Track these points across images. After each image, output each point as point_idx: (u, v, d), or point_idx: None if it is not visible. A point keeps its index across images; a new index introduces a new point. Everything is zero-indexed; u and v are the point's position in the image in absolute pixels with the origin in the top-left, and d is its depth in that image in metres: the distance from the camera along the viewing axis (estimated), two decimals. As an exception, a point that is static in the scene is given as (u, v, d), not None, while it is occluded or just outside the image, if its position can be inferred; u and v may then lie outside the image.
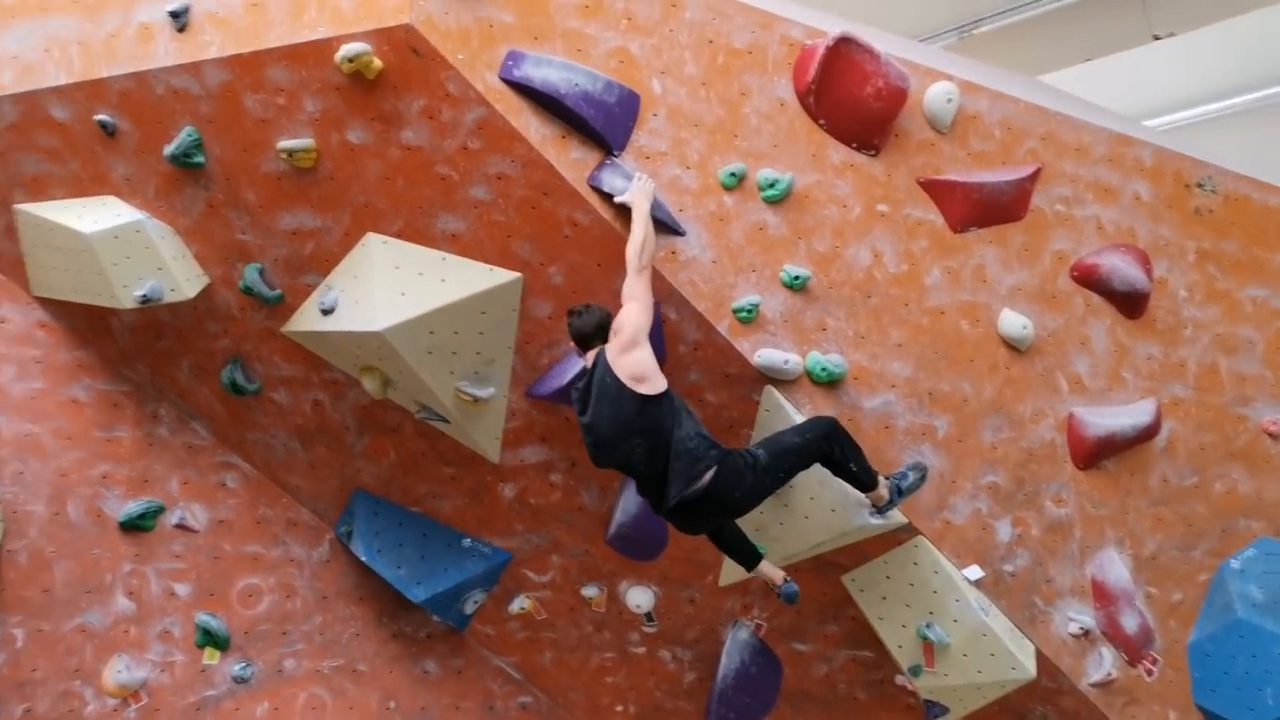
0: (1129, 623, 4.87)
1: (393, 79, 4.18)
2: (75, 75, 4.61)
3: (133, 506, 5.29)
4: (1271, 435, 5.13)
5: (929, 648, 4.73)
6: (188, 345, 5.23)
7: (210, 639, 5.33)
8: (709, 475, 3.83)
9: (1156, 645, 4.98)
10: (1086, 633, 4.84)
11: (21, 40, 4.72)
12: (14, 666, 5.04)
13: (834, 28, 4.57)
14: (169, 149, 4.59)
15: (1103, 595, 4.87)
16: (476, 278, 4.51)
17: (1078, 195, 4.88)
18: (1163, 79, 8.76)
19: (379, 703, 5.57)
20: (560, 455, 5.02)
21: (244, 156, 4.55)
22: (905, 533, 4.67)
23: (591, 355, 4.05)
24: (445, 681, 5.70)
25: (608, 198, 4.24)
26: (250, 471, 5.56)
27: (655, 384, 3.93)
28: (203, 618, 5.33)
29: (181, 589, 5.35)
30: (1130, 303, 4.90)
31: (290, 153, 4.44)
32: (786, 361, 4.45)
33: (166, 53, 4.44)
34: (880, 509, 4.35)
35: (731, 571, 5.00)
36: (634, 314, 3.97)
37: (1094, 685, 4.84)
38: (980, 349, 4.74)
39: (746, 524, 4.76)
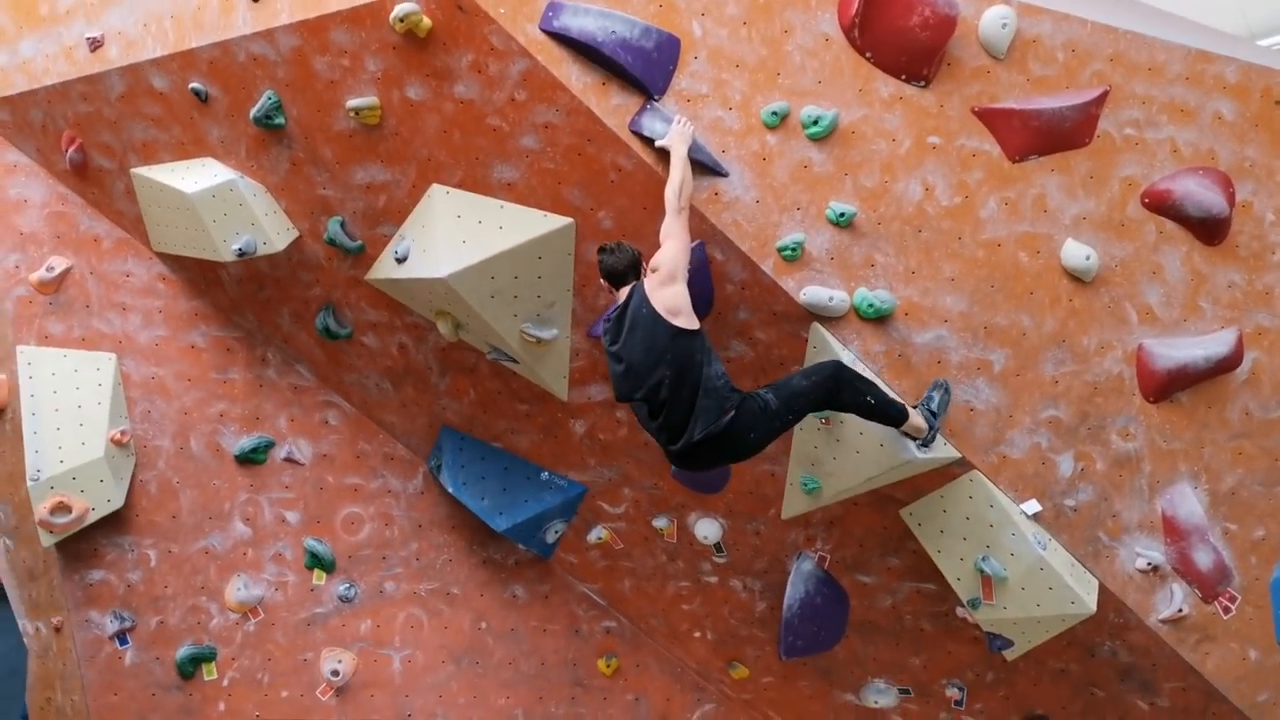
0: (1202, 559, 4.73)
1: (442, 36, 4.39)
2: (169, 47, 5.00)
3: (246, 441, 5.81)
4: (1374, 365, 4.84)
5: (987, 581, 4.74)
6: (286, 294, 5.66)
7: (318, 562, 5.83)
8: (730, 416, 3.96)
9: (1235, 583, 4.82)
10: (1155, 568, 4.73)
11: (125, 17, 5.14)
12: (148, 583, 5.67)
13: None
14: (253, 112, 4.95)
15: (1174, 531, 4.74)
16: (531, 224, 4.72)
17: (1150, 118, 4.66)
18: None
19: (471, 623, 5.98)
20: (624, 392, 5.21)
21: (318, 116, 4.87)
22: (960, 467, 4.67)
23: (624, 291, 4.20)
24: (533, 605, 6.05)
25: (649, 142, 4.36)
26: (349, 409, 5.99)
27: (689, 320, 4.06)
28: (310, 542, 5.83)
29: (291, 516, 5.86)
30: (1207, 228, 4.67)
31: (357, 111, 4.73)
32: (831, 299, 4.48)
33: (244, 21, 4.77)
34: (924, 440, 4.35)
35: (793, 504, 5.11)
36: (672, 251, 4.10)
37: (1163, 621, 4.75)
38: (1041, 281, 4.63)
39: (802, 460, 4.88)
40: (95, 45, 5.21)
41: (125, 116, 5.35)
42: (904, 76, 4.50)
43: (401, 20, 4.34)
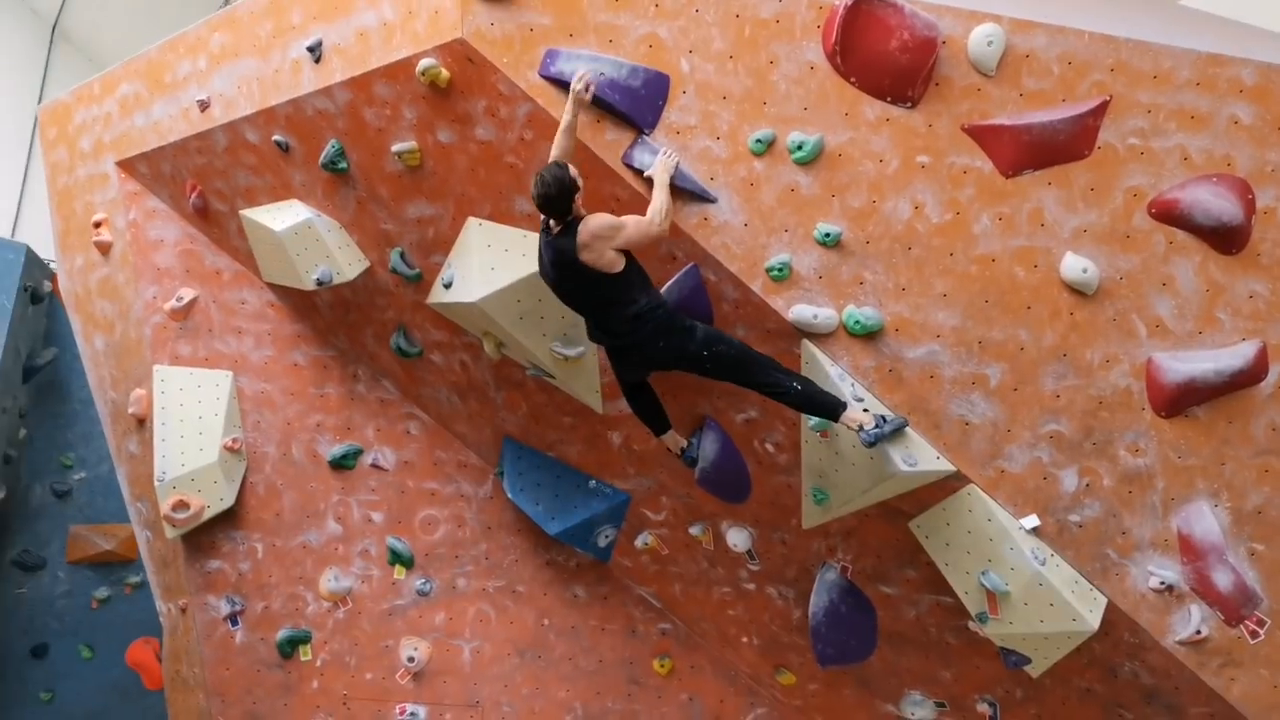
0: (1221, 580, 4.55)
1: (459, 85, 4.88)
2: (256, 105, 5.75)
3: (338, 449, 6.52)
4: None
5: (991, 595, 4.75)
6: (367, 317, 6.33)
7: (398, 558, 6.46)
8: (651, 326, 4.46)
9: (1264, 606, 4.60)
10: (1170, 588, 4.59)
11: (224, 80, 5.95)
12: (256, 572, 6.46)
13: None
14: (321, 158, 5.62)
15: (1190, 550, 4.59)
16: (547, 251, 5.13)
17: (1157, 126, 4.55)
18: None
19: (535, 620, 6.44)
20: (650, 406, 5.53)
21: (373, 160, 5.48)
22: (959, 481, 4.71)
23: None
24: (592, 605, 6.44)
25: (641, 174, 4.68)
26: (428, 421, 6.60)
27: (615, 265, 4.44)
28: (392, 541, 6.46)
29: (376, 516, 6.52)
30: (1222, 237, 4.51)
31: (400, 154, 5.30)
32: (815, 316, 4.65)
33: (309, 80, 5.43)
34: (870, 434, 4.39)
35: (811, 514, 5.26)
36: (630, 222, 4.44)
37: (1180, 643, 4.60)
38: (1039, 295, 4.61)
39: (811, 472, 5.04)
40: (204, 106, 6.05)
41: (230, 166, 6.17)
42: (889, 98, 4.62)
43: (424, 73, 4.86)
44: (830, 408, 4.49)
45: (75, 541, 11.45)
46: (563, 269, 4.48)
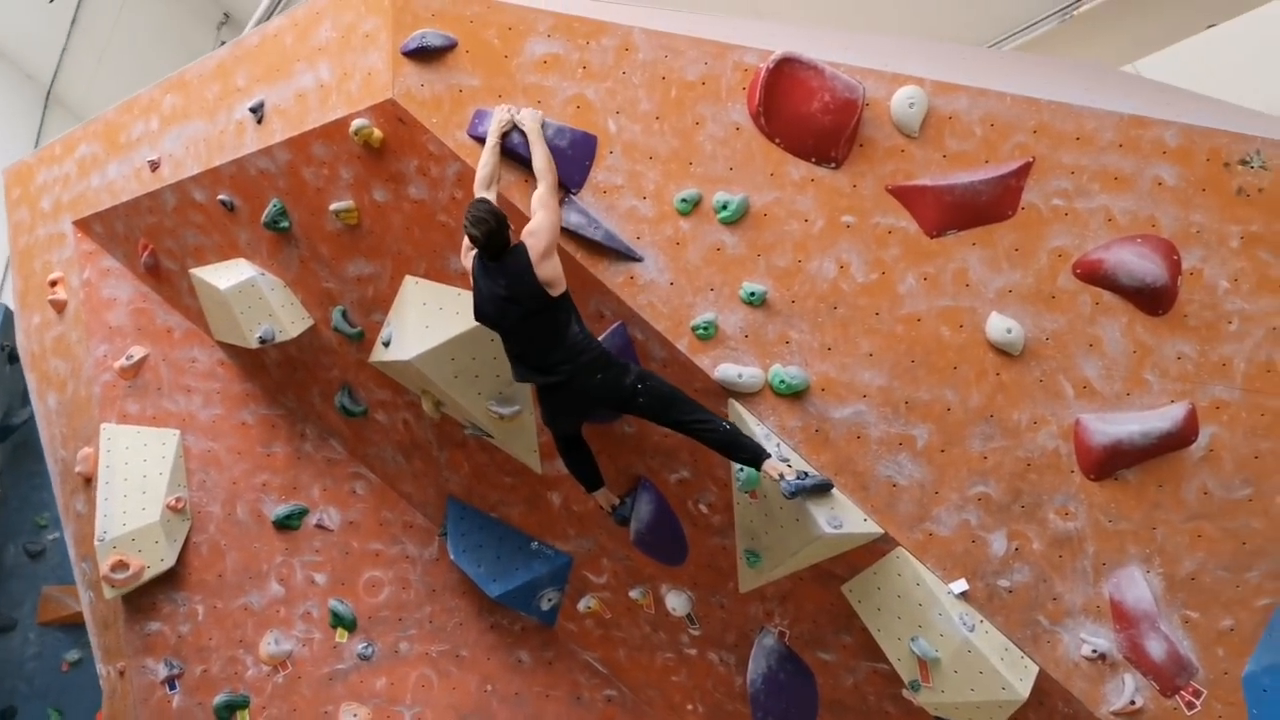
0: (1154, 648, 4.43)
1: (392, 145, 4.92)
2: (203, 165, 5.80)
3: (283, 509, 6.46)
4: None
5: (923, 662, 4.63)
6: (313, 376, 6.32)
7: (340, 621, 6.36)
8: (588, 358, 4.47)
9: (1199, 676, 4.48)
10: (1102, 656, 4.48)
11: (173, 141, 6.02)
12: (196, 635, 6.35)
13: (793, 46, 4.68)
14: (263, 217, 5.66)
15: (1122, 617, 4.48)
16: (478, 309, 5.13)
17: (1080, 187, 4.56)
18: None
19: (478, 685, 6.31)
20: (586, 466, 5.47)
21: (313, 219, 5.51)
22: (887, 544, 4.63)
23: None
24: (537, 671, 6.32)
25: (571, 234, 4.67)
26: (375, 480, 6.55)
27: (560, 287, 4.44)
28: (334, 603, 6.37)
29: (319, 578, 6.43)
30: (1147, 298, 4.48)
31: (339, 213, 5.33)
32: (740, 375, 4.62)
33: (252, 141, 5.49)
34: (787, 481, 4.37)
35: (746, 577, 5.17)
36: (549, 221, 4.43)
37: (1115, 714, 4.47)
38: (965, 355, 4.58)
39: (744, 534, 4.97)
40: (154, 166, 6.11)
41: (180, 225, 6.21)
42: (814, 159, 4.64)
43: (357, 133, 4.91)
44: (754, 452, 4.46)
45: (47, 603, 11.36)
46: (516, 291, 4.38)
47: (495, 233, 4.34)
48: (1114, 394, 4.54)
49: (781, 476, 4.38)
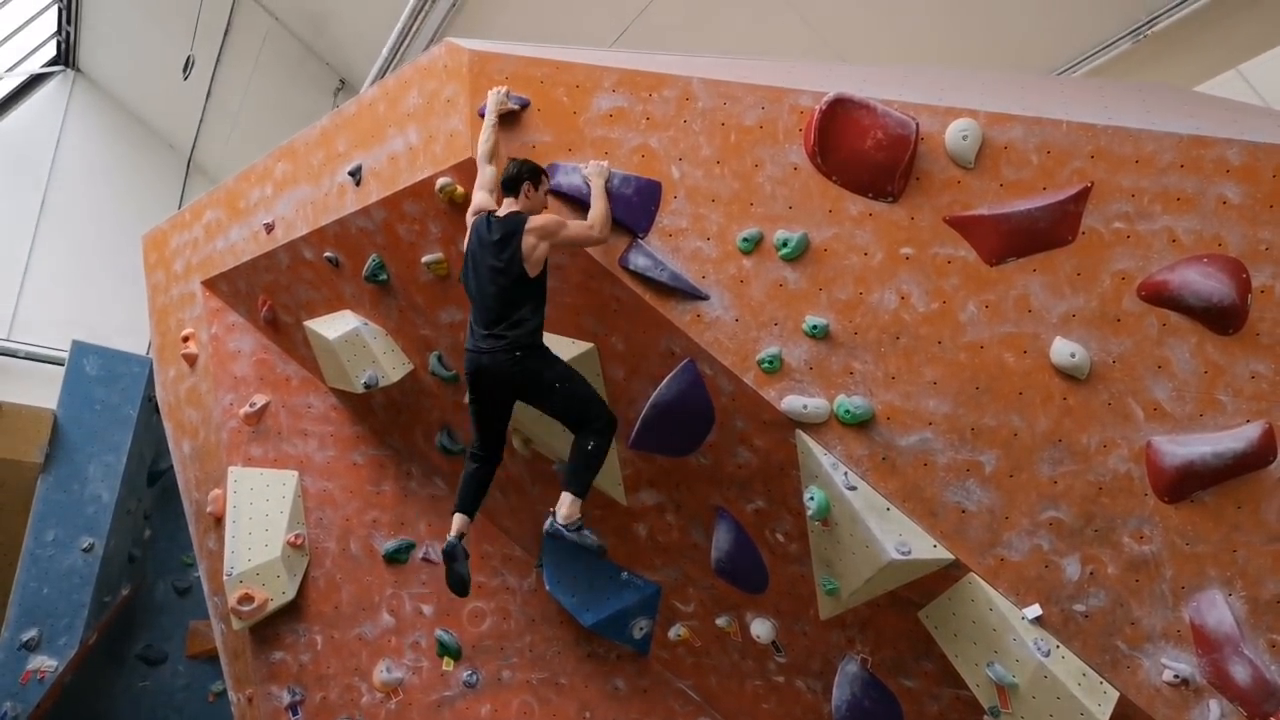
0: (1239, 673, 4.34)
1: (473, 201, 5.27)
2: (310, 225, 6.30)
3: (392, 544, 6.86)
4: None
5: (1001, 688, 4.65)
6: (415, 417, 6.71)
7: (446, 650, 6.69)
8: (521, 354, 4.77)
9: (1290, 702, 4.36)
10: (1185, 681, 4.41)
11: (285, 205, 6.54)
12: (315, 663, 6.78)
13: (849, 85, 4.84)
14: (364, 272, 6.10)
15: (1203, 641, 4.41)
16: (562, 350, 5.39)
17: (1142, 209, 4.56)
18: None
19: (577, 712, 6.54)
20: (668, 498, 5.68)
21: (408, 271, 5.91)
22: (959, 569, 4.67)
23: (503, 207, 4.85)
24: (633, 698, 6.51)
25: (639, 276, 4.92)
26: (476, 516, 6.87)
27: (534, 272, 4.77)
28: (440, 633, 6.71)
29: (427, 609, 6.79)
30: (1216, 317, 4.43)
31: (430, 265, 5.72)
32: (805, 406, 4.75)
33: (351, 202, 5.94)
34: (566, 526, 4.86)
35: (825, 605, 5.27)
36: (568, 224, 4.78)
37: (1201, 741, 4.39)
38: (1030, 380, 4.61)
39: (820, 562, 5.07)
40: (269, 229, 6.65)
41: (293, 282, 6.72)
42: (870, 194, 4.77)
43: (442, 190, 5.29)
44: (578, 486, 4.92)
45: (194, 636, 12.18)
46: (499, 242, 4.72)
47: (515, 176, 4.80)
48: (1186, 415, 4.50)
49: (552, 514, 4.86)
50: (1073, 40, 7.07)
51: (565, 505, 4.88)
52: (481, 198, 4.92)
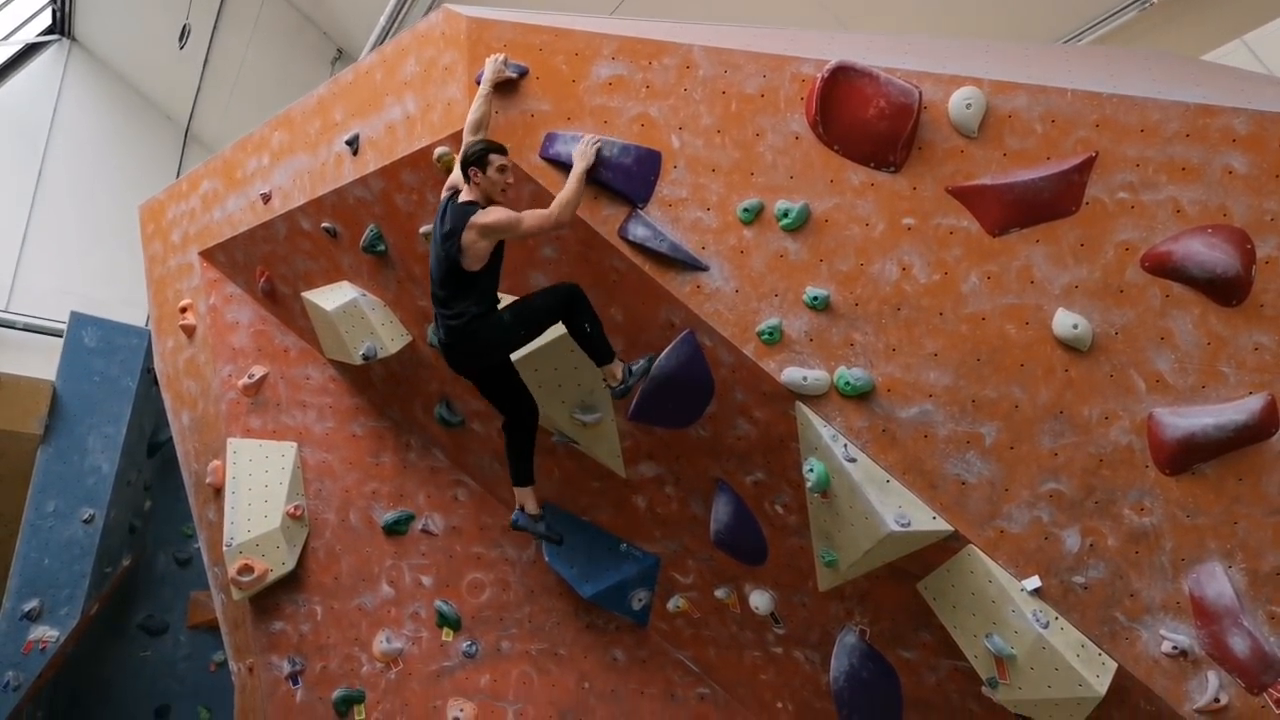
0: (1238, 645, 4.34)
1: (472, 170, 5.22)
2: (307, 195, 6.24)
3: (392, 515, 6.86)
4: None
5: (999, 660, 4.65)
6: (415, 389, 6.69)
7: (446, 621, 6.71)
8: (466, 320, 4.79)
9: (1289, 673, 4.36)
10: (1184, 653, 4.41)
11: (282, 175, 6.49)
12: (315, 633, 6.79)
13: (851, 54, 4.78)
14: (361, 242, 6.06)
15: (1203, 613, 4.40)
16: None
17: (1146, 179, 4.51)
18: None
19: (576, 682, 6.56)
20: (667, 470, 5.67)
21: (406, 241, 5.87)
22: (958, 541, 4.67)
23: (464, 194, 4.80)
24: (632, 669, 6.53)
25: (638, 246, 4.88)
26: (475, 487, 6.88)
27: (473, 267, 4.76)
28: (440, 604, 6.72)
29: (426, 580, 6.80)
30: (1220, 289, 4.40)
31: (427, 235, 5.66)
32: (805, 378, 4.73)
33: (349, 172, 5.89)
34: (615, 388, 4.96)
35: (825, 576, 5.26)
36: (519, 217, 4.68)
37: (1199, 711, 4.39)
38: (1031, 352, 4.59)
39: (819, 534, 5.07)
40: (266, 199, 6.60)
41: (290, 252, 6.68)
42: (872, 164, 4.72)
43: (439, 160, 5.24)
44: (603, 357, 4.99)
45: (195, 607, 12.23)
46: (448, 235, 4.73)
47: (461, 163, 4.75)
48: (1188, 387, 4.47)
49: (613, 386, 5.02)
50: (1077, 9, 6.99)
51: (608, 374, 5.03)
52: (459, 173, 4.87)
